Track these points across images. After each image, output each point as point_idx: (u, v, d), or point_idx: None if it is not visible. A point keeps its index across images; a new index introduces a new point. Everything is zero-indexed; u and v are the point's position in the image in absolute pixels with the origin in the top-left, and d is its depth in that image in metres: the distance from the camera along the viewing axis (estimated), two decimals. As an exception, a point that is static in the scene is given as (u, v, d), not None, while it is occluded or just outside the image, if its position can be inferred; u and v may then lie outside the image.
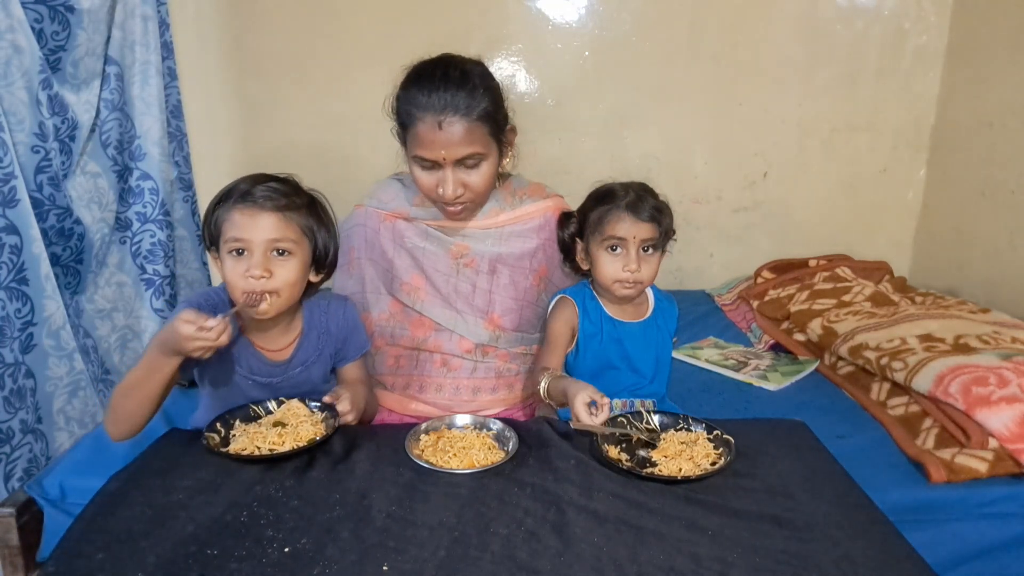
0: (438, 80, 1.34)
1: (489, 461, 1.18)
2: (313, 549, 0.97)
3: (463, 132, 1.34)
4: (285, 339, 1.35)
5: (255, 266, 1.21)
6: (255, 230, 1.21)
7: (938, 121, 2.70)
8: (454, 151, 1.35)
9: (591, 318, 1.48)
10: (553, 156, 2.68)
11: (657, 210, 1.42)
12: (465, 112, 1.33)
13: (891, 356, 1.81)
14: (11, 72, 1.62)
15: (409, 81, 1.39)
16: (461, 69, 1.37)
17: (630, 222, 1.39)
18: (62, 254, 1.86)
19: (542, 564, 0.95)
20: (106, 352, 2.05)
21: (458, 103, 1.33)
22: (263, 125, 2.63)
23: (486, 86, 1.38)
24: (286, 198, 1.25)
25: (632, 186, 1.45)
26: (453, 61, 1.40)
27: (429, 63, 1.40)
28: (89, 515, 1.05)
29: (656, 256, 1.44)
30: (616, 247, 1.41)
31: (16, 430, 1.64)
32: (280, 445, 1.20)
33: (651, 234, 1.41)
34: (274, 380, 1.35)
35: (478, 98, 1.35)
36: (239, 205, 1.23)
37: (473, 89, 1.35)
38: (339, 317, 1.40)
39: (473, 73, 1.38)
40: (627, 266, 1.40)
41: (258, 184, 1.25)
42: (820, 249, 2.77)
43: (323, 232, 1.32)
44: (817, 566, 0.94)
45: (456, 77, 1.35)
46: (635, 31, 2.61)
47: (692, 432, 1.26)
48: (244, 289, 1.22)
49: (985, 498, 1.43)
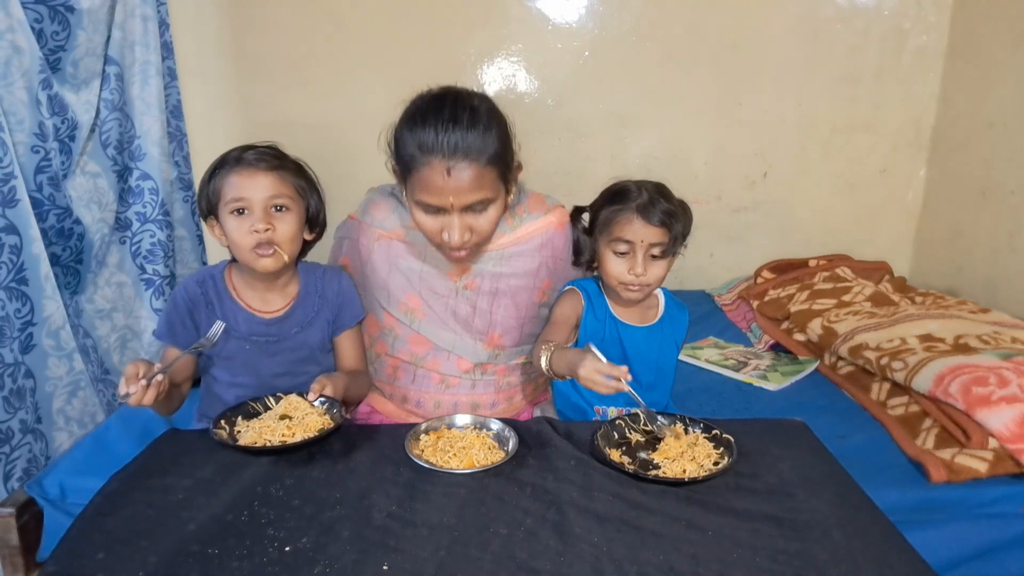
0: (446, 121, 1.23)
1: (489, 461, 1.18)
2: (313, 548, 0.97)
3: (472, 178, 1.24)
4: (282, 300, 1.41)
5: (258, 220, 1.28)
6: (255, 189, 1.29)
7: (938, 121, 2.70)
8: (462, 198, 1.26)
9: (596, 315, 1.46)
10: (553, 156, 2.68)
11: (669, 214, 1.37)
12: (475, 157, 1.24)
13: (891, 356, 1.81)
14: (11, 72, 1.62)
15: (412, 119, 1.27)
16: (470, 108, 1.26)
17: (639, 225, 1.36)
18: (62, 254, 1.86)
19: (542, 564, 0.95)
20: (106, 352, 2.05)
21: (468, 147, 1.23)
22: (263, 125, 2.63)
23: (496, 125, 1.28)
24: (278, 159, 1.34)
25: (646, 186, 1.41)
26: (460, 98, 1.28)
27: (434, 100, 1.28)
28: (89, 515, 1.05)
29: (665, 260, 1.40)
30: (623, 249, 1.39)
31: (16, 430, 1.64)
32: (291, 436, 1.21)
33: (660, 238, 1.37)
34: (271, 339, 1.38)
35: (488, 141, 1.25)
36: (236, 168, 1.30)
37: (483, 131, 1.25)
38: (335, 284, 1.45)
39: (481, 111, 1.27)
40: (632, 269, 1.38)
41: (248, 151, 1.33)
42: (820, 249, 2.77)
43: (314, 194, 1.41)
44: (817, 566, 0.94)
45: (465, 118, 1.24)
46: (635, 31, 2.61)
47: (691, 433, 1.26)
48: (249, 244, 1.29)
49: (985, 498, 1.43)
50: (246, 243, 1.29)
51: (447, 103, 1.27)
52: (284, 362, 1.41)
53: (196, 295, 1.37)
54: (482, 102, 1.30)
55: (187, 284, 1.39)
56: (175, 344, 1.36)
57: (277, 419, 1.26)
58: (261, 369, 1.40)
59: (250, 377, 1.40)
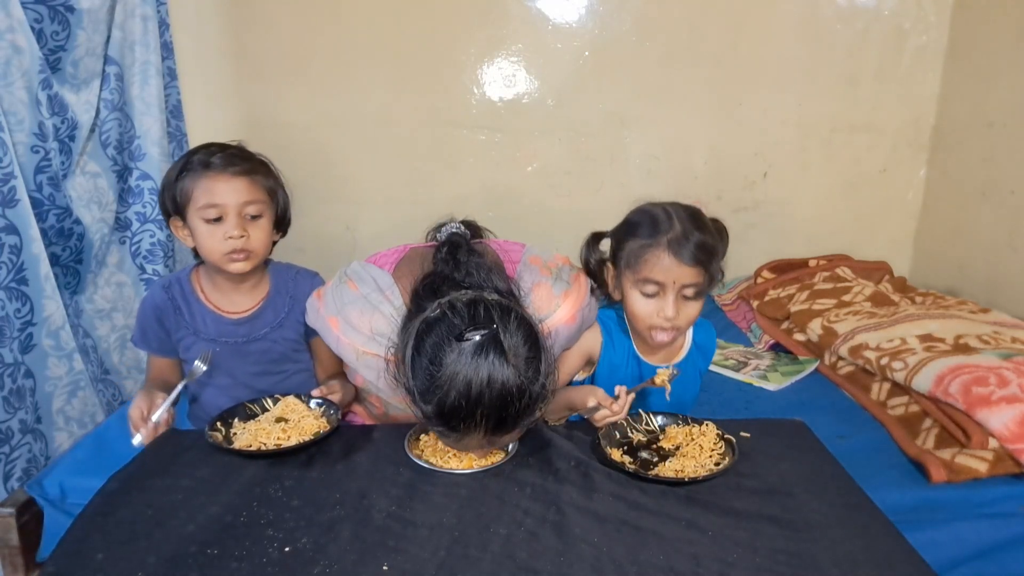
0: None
1: (489, 461, 1.18)
2: (313, 549, 0.97)
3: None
4: (250, 301, 1.41)
5: (233, 227, 1.27)
6: (228, 194, 1.27)
7: (938, 121, 2.70)
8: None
9: (616, 351, 1.34)
10: (553, 156, 2.68)
11: (705, 250, 1.19)
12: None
13: (891, 356, 1.81)
14: (11, 72, 1.62)
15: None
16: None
17: (671, 263, 1.19)
18: (62, 254, 1.86)
19: (542, 564, 0.95)
20: (105, 352, 2.04)
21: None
22: (263, 125, 2.63)
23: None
24: (248, 162, 1.31)
25: (679, 214, 1.22)
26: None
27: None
28: (89, 515, 1.05)
29: (699, 301, 1.24)
30: (652, 291, 1.23)
31: (15, 430, 1.63)
32: (286, 440, 1.20)
33: (695, 279, 1.21)
34: (241, 340, 1.38)
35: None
36: (208, 172, 1.27)
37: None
38: (307, 288, 1.44)
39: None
40: (662, 311, 1.22)
41: (215, 153, 1.29)
42: (820, 249, 2.77)
43: (281, 192, 1.39)
44: (817, 566, 0.94)
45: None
46: (635, 31, 2.61)
47: (697, 427, 1.26)
48: (224, 250, 1.28)
49: (985, 498, 1.43)
50: (220, 249, 1.29)
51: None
52: (259, 362, 1.41)
53: (163, 300, 1.38)
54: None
55: (153, 291, 1.40)
56: (150, 350, 1.38)
57: (273, 422, 1.26)
58: (235, 370, 1.40)
59: (226, 378, 1.40)
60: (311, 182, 2.63)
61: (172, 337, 1.38)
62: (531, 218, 2.71)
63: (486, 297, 1.13)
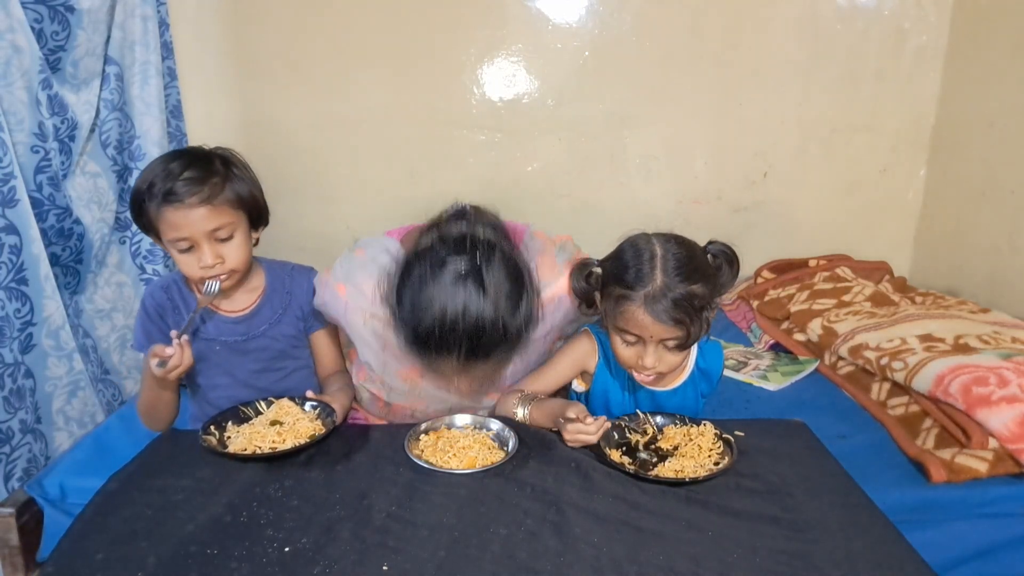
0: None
1: (489, 461, 1.18)
2: (313, 549, 0.97)
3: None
4: (246, 299, 1.41)
5: (206, 256, 1.26)
6: (192, 227, 1.24)
7: (938, 121, 2.70)
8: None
9: (612, 369, 1.33)
10: (553, 156, 2.68)
11: (686, 308, 1.14)
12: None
13: (891, 356, 1.81)
14: (11, 72, 1.62)
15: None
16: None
17: (646, 320, 1.16)
18: (62, 254, 1.86)
19: (542, 564, 0.95)
20: (105, 352, 2.05)
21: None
22: (263, 125, 2.63)
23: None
24: (206, 185, 1.25)
25: (666, 261, 1.17)
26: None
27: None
28: (89, 515, 1.05)
29: (682, 351, 1.21)
30: (631, 340, 1.22)
31: (16, 430, 1.63)
32: (281, 443, 1.20)
33: (673, 335, 1.18)
34: (240, 338, 1.38)
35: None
36: (167, 206, 1.23)
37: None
38: (304, 284, 1.43)
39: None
40: (642, 359, 1.21)
41: (173, 178, 1.23)
42: (820, 249, 2.76)
43: (247, 191, 1.31)
44: (817, 566, 0.94)
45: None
46: (635, 31, 2.61)
47: (695, 427, 1.26)
48: (202, 276, 1.28)
49: (985, 498, 1.43)
50: (200, 275, 1.29)
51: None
52: (259, 359, 1.41)
53: (163, 300, 1.38)
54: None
55: (152, 292, 1.39)
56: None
57: (268, 425, 1.26)
58: (235, 369, 1.40)
59: (225, 377, 1.40)
60: (311, 182, 2.64)
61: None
62: (531, 218, 2.67)
63: (477, 232, 1.16)
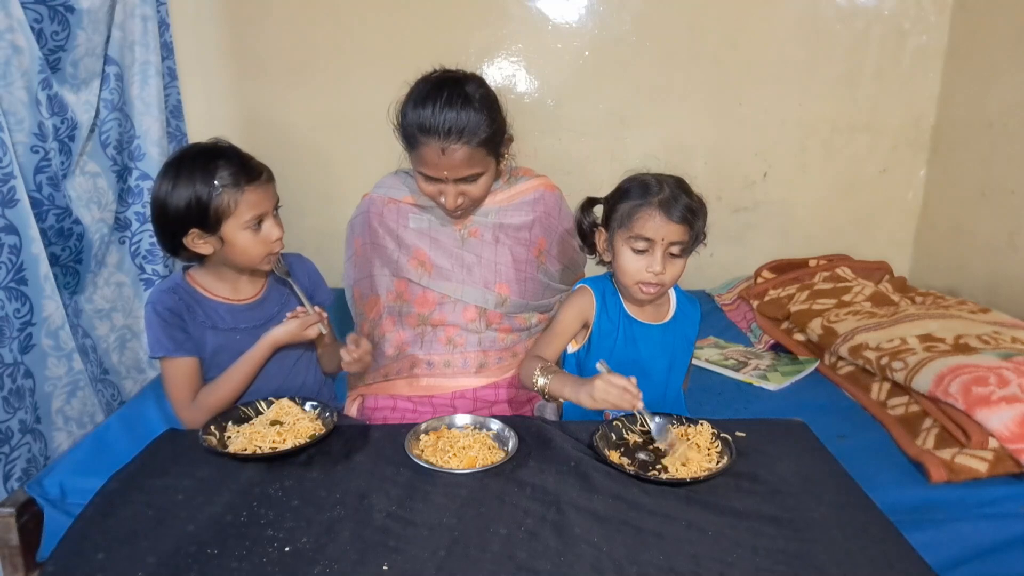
0: (441, 105, 1.38)
1: (489, 461, 1.18)
2: (313, 549, 0.97)
3: (464, 157, 1.41)
4: (253, 287, 1.46)
5: (275, 227, 1.37)
6: (267, 201, 1.36)
7: (938, 121, 2.70)
8: (456, 172, 1.43)
9: (609, 315, 1.43)
10: (553, 156, 2.68)
11: (691, 210, 1.33)
12: (467, 139, 1.39)
13: (891, 356, 1.81)
14: (11, 72, 1.62)
15: (412, 102, 1.43)
16: (463, 94, 1.40)
17: (660, 221, 1.31)
18: (61, 254, 1.86)
19: (542, 564, 0.95)
20: (105, 352, 2.05)
21: (460, 130, 1.38)
22: (263, 125, 2.63)
23: (487, 108, 1.42)
24: (261, 166, 1.38)
25: (667, 180, 1.37)
26: (455, 85, 1.42)
27: (431, 85, 1.43)
28: (89, 515, 1.05)
29: (683, 259, 1.36)
30: (642, 247, 1.34)
31: (15, 430, 1.64)
32: (281, 443, 1.20)
33: (681, 236, 1.32)
34: (257, 324, 1.43)
35: (480, 123, 1.40)
36: (249, 187, 1.33)
37: (475, 114, 1.39)
38: (300, 266, 1.53)
39: (474, 98, 1.41)
40: (651, 267, 1.33)
41: (233, 165, 1.33)
42: (820, 249, 2.77)
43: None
44: (817, 566, 0.94)
45: (458, 103, 1.39)
46: (635, 31, 2.61)
47: (692, 427, 1.26)
48: (273, 252, 1.38)
49: (985, 498, 1.43)
50: (267, 250, 1.36)
51: (444, 89, 1.41)
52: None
53: (175, 301, 1.37)
54: (476, 88, 1.44)
55: (160, 298, 1.38)
56: (177, 352, 1.35)
57: (268, 424, 1.26)
58: None
59: None
60: (311, 182, 2.63)
61: (191, 335, 1.36)
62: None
63: (459, 71, 1.46)
